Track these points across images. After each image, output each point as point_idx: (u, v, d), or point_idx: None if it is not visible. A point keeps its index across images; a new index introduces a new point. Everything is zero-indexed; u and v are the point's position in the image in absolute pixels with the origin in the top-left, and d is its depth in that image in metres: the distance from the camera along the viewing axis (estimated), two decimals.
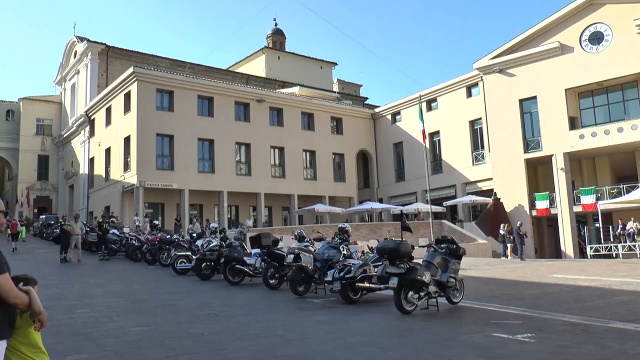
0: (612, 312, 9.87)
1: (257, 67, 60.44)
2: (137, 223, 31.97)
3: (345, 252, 12.63)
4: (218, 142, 39.01)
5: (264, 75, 58.37)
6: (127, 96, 37.75)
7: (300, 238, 14.36)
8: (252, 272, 15.18)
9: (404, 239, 10.95)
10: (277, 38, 67.31)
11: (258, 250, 15.18)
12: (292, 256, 12.64)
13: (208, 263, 16.38)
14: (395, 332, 8.27)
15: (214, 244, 16.87)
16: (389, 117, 47.70)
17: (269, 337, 7.74)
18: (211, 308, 10.88)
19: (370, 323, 9.09)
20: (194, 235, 21.90)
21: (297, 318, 9.63)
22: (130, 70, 36.91)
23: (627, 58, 32.38)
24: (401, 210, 18.84)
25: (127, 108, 37.70)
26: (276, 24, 69.25)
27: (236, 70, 60.34)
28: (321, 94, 50.78)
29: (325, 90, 55.59)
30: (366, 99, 65.49)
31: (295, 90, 48.79)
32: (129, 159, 37.09)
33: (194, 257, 17.32)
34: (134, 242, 24.41)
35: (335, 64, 66.91)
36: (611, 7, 33.48)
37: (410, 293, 9.52)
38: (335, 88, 65.37)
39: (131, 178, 36.03)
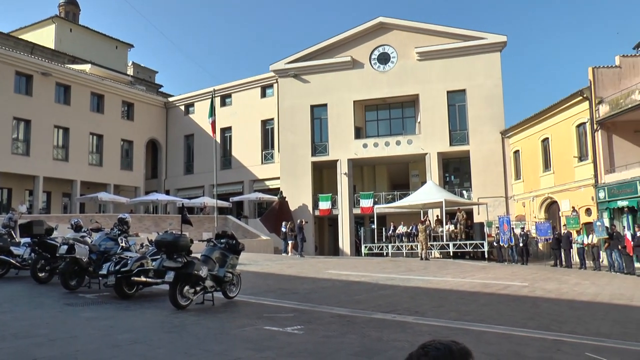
0: (376, 305, 10.75)
1: (45, 37, 55.10)
2: None
3: (123, 244, 12.06)
4: None
5: (52, 47, 53.41)
6: None
7: (76, 228, 13.37)
8: (19, 264, 13.74)
9: (183, 233, 10.76)
10: (71, 8, 61.99)
11: (28, 240, 13.78)
12: (65, 247, 11.69)
13: None
14: (167, 327, 8.06)
15: None
16: (182, 107, 46.75)
17: (28, 337, 7.00)
18: None
19: (143, 319, 8.78)
20: None
21: (64, 315, 8.92)
22: None
23: (407, 80, 36.17)
24: (182, 204, 18.50)
25: None
26: None
27: (20, 37, 54.14)
28: (114, 75, 47.95)
29: (118, 72, 52.57)
30: (161, 86, 63.42)
31: (87, 68, 45.43)
32: None
33: None
34: None
35: (132, 46, 63.81)
36: (398, 32, 37.05)
37: (186, 288, 9.41)
38: (130, 71, 62.36)
39: None
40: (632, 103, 23.37)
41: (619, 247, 21.01)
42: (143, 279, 10.55)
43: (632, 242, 20.22)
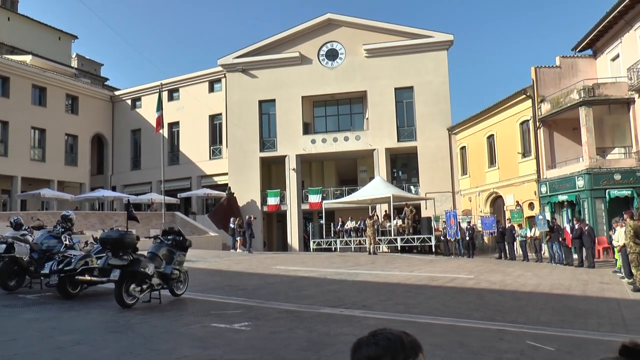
0: (324, 299, 10.80)
1: None
2: None
3: (67, 242, 11.72)
4: None
5: None
6: None
7: (16, 225, 12.94)
8: None
9: (129, 230, 10.54)
10: None
11: None
12: (4, 246, 11.26)
13: None
14: (112, 327, 7.90)
15: None
16: (129, 102, 45.72)
17: None
18: None
19: (87, 319, 8.56)
20: None
21: (2, 317, 8.58)
22: None
23: (355, 76, 36.47)
24: (128, 200, 18.16)
25: None
26: None
27: None
28: (57, 67, 46.38)
29: (62, 64, 50.87)
30: (107, 79, 61.65)
31: (27, 59, 43.76)
32: None
33: None
34: None
35: (76, 37, 61.74)
36: (346, 29, 37.27)
37: (133, 286, 9.24)
38: (74, 64, 60.40)
39: None
40: (570, 102, 24.23)
41: (559, 239, 21.77)
42: (87, 277, 10.25)
43: (570, 235, 20.95)
